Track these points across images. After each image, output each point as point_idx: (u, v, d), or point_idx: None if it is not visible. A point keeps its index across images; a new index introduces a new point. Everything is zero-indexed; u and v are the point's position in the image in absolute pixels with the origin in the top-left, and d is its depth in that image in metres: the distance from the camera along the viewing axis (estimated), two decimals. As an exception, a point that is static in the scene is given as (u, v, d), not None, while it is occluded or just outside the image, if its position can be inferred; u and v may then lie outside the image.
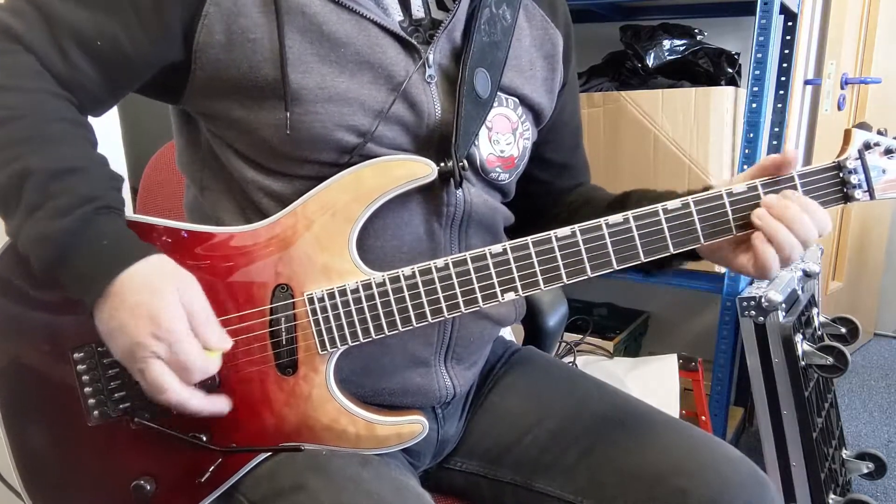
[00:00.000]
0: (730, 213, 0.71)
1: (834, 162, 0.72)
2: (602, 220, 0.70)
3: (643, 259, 0.71)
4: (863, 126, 0.73)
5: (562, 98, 0.91)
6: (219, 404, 0.69)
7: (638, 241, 0.71)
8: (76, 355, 0.71)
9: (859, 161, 0.72)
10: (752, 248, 0.71)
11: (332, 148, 0.71)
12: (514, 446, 0.86)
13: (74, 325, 0.71)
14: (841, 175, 0.72)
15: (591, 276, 0.71)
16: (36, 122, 0.64)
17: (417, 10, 0.77)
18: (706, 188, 0.75)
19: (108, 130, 1.40)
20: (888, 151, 0.72)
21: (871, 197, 0.72)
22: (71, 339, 0.71)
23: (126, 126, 1.46)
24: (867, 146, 0.72)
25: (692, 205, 0.71)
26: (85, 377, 0.71)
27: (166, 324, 0.62)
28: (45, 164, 0.63)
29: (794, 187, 0.71)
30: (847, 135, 0.73)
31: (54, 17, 0.66)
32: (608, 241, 0.71)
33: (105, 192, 0.65)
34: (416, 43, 0.73)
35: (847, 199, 0.73)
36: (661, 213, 0.71)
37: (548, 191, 0.97)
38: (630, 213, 0.70)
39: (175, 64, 0.69)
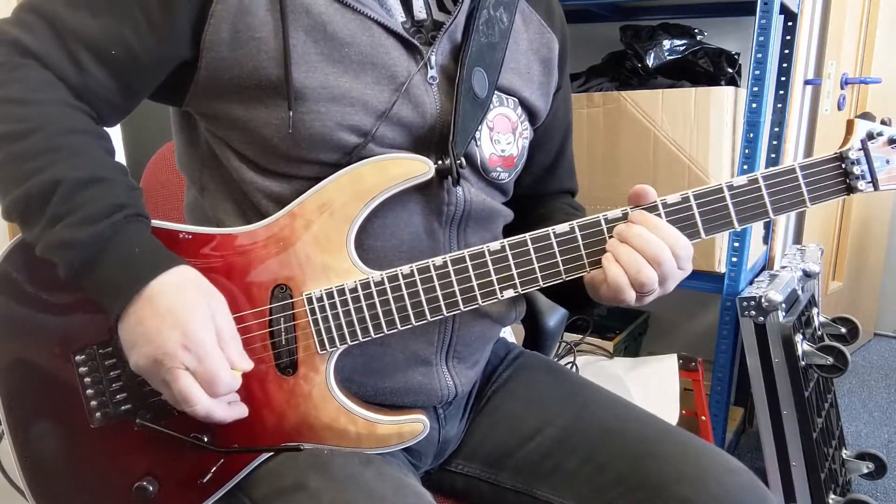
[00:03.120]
0: (730, 207, 0.71)
1: (836, 153, 0.71)
2: (601, 216, 0.71)
3: None
4: (866, 116, 0.72)
5: (555, 102, 0.92)
6: (239, 411, 0.69)
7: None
8: (78, 357, 0.71)
9: (862, 152, 0.71)
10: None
11: (332, 148, 0.71)
12: (515, 451, 0.86)
13: (77, 327, 0.71)
14: (843, 166, 0.71)
15: (590, 272, 0.71)
16: (56, 133, 0.64)
17: (419, 12, 0.77)
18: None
19: (108, 131, 1.40)
20: (892, 141, 0.71)
21: (875, 188, 0.71)
22: (73, 341, 0.71)
23: (126, 126, 1.46)
24: (870, 136, 0.71)
25: (692, 198, 0.71)
26: (87, 379, 0.71)
27: (197, 336, 0.62)
28: (71, 175, 0.63)
29: (796, 179, 0.70)
30: (850, 125, 0.72)
31: (64, 28, 0.66)
32: (607, 236, 0.71)
33: (133, 201, 0.66)
34: (418, 44, 0.74)
35: (850, 190, 0.71)
36: (660, 207, 0.71)
37: (531, 194, 0.96)
38: (629, 209, 0.71)
39: (184, 63, 0.70)
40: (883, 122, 0.72)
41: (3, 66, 0.65)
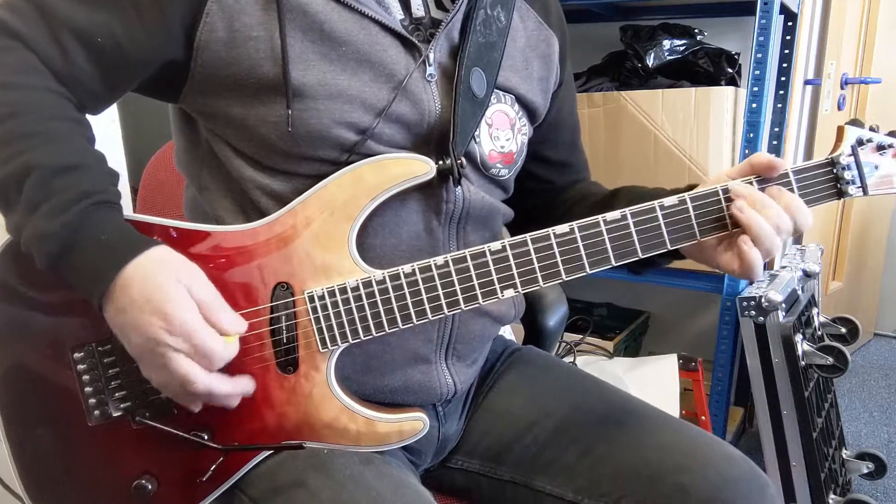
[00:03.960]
0: (725, 209, 0.72)
1: (827, 158, 0.73)
2: (600, 217, 0.71)
3: (640, 255, 0.72)
4: (855, 123, 0.74)
5: (558, 97, 0.92)
6: (243, 384, 0.69)
7: (635, 238, 0.71)
8: (76, 355, 0.71)
9: (852, 157, 0.73)
10: (736, 248, 0.71)
11: (331, 145, 0.71)
12: (514, 445, 0.87)
13: (74, 324, 0.71)
14: (834, 171, 0.73)
15: (590, 272, 0.72)
16: (36, 119, 0.64)
17: (417, 9, 0.77)
18: (690, 187, 0.76)
19: (108, 130, 1.40)
20: (880, 147, 0.73)
21: (865, 193, 0.73)
22: (70, 339, 0.71)
23: (126, 126, 1.46)
24: (860, 142, 0.73)
25: (689, 201, 0.72)
26: (85, 377, 0.71)
27: (177, 318, 0.62)
28: (46, 161, 0.63)
29: (789, 183, 0.72)
30: (840, 131, 0.74)
31: (53, 13, 0.66)
32: (606, 237, 0.71)
33: (104, 188, 0.66)
34: (416, 41, 0.74)
35: (841, 194, 0.73)
36: (657, 209, 0.71)
37: (548, 189, 0.98)
38: (627, 210, 0.71)
39: (174, 62, 0.69)
40: (871, 129, 0.74)
41: None
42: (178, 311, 0.62)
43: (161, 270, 0.64)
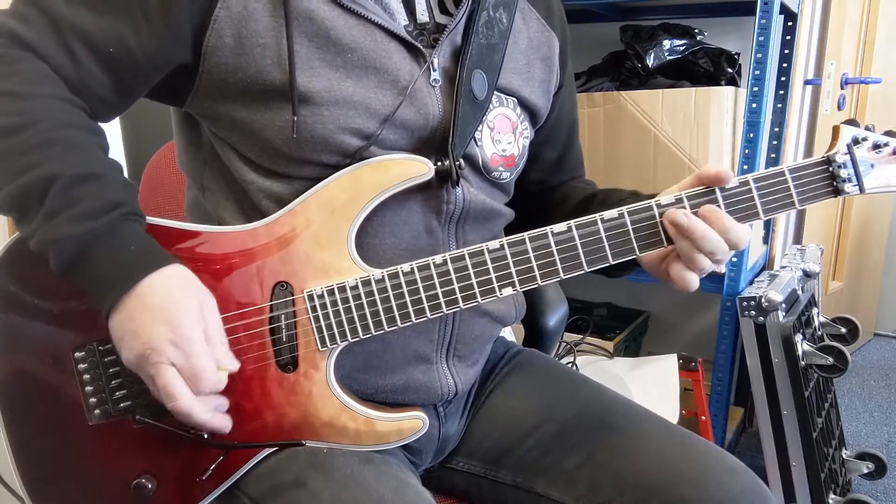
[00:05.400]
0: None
1: (824, 157, 0.74)
2: (597, 216, 0.71)
3: (638, 254, 0.72)
4: (851, 122, 0.75)
5: (559, 99, 0.92)
6: (221, 422, 0.69)
7: (633, 236, 0.72)
8: (77, 354, 0.71)
9: (848, 156, 0.73)
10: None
11: (334, 150, 0.71)
12: (515, 448, 0.87)
13: (75, 324, 0.71)
14: (830, 169, 0.73)
15: (588, 270, 0.72)
16: (53, 127, 0.64)
17: (422, 15, 0.77)
18: (652, 195, 0.76)
19: (108, 130, 1.40)
20: (876, 146, 0.74)
21: (861, 190, 0.74)
22: (71, 338, 0.71)
23: (126, 126, 1.46)
24: (855, 141, 0.74)
25: (685, 199, 0.72)
26: (86, 376, 0.71)
27: (185, 332, 0.63)
28: (68, 170, 0.63)
29: (786, 181, 0.72)
30: (835, 130, 0.75)
31: (62, 21, 0.66)
32: (603, 235, 0.71)
33: (129, 199, 0.66)
34: (421, 47, 0.74)
35: (837, 192, 0.74)
36: (654, 208, 0.72)
37: (543, 188, 0.98)
38: (625, 209, 0.72)
39: (183, 67, 0.70)
40: (867, 128, 0.75)
41: (0, 59, 0.65)
42: (187, 326, 0.63)
43: (182, 286, 0.65)
